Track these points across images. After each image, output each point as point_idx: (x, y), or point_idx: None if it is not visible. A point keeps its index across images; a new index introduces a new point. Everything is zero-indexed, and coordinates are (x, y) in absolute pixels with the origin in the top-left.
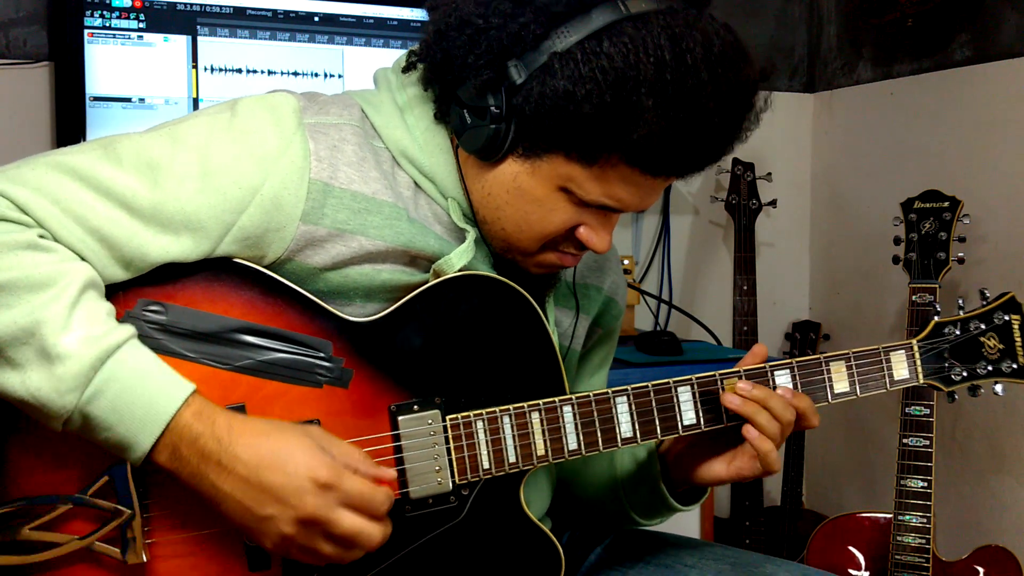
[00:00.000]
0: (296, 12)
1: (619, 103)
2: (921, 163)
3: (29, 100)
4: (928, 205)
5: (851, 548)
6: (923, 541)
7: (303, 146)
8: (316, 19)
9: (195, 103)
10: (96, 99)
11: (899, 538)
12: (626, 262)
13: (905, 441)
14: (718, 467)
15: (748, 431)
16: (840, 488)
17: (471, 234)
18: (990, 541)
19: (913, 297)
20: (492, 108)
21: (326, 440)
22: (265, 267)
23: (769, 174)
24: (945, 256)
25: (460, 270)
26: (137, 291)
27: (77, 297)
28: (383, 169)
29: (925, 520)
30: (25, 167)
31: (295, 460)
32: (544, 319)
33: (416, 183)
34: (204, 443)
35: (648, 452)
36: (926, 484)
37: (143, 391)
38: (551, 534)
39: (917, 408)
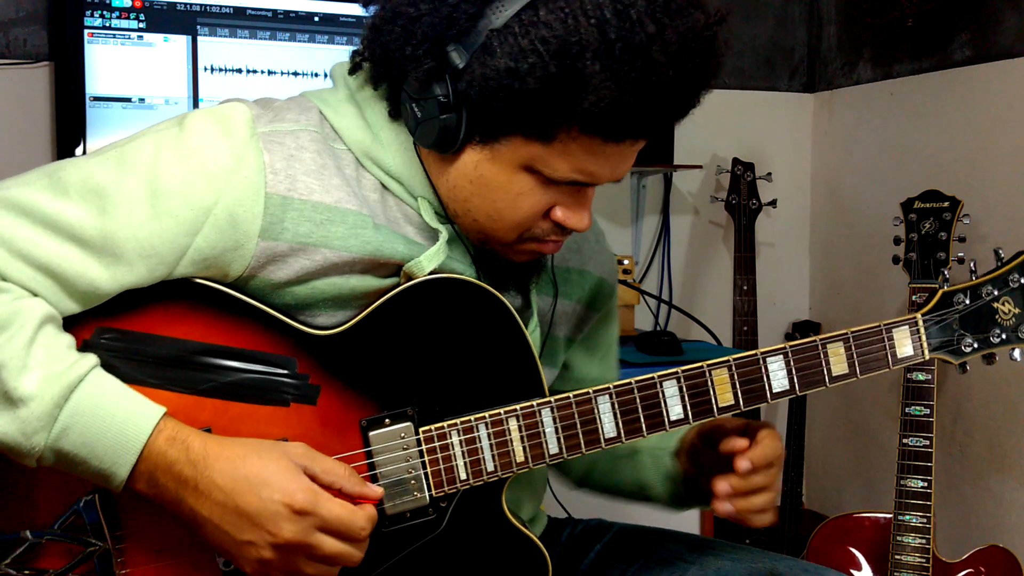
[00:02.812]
0: (296, 12)
1: (565, 72)
2: (921, 163)
3: (29, 100)
4: (928, 205)
5: (851, 548)
6: (923, 541)
7: (257, 159)
8: (316, 19)
9: (195, 103)
10: (96, 99)
11: (899, 538)
12: (626, 262)
13: (905, 441)
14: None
15: (717, 504)
16: (840, 488)
17: (443, 234)
18: (990, 541)
19: (913, 297)
20: (439, 98)
21: (307, 458)
22: (228, 285)
23: (769, 174)
24: (945, 256)
25: (433, 271)
26: (94, 320)
27: (33, 335)
28: (345, 174)
29: (925, 520)
30: None
31: (271, 485)
32: (519, 320)
33: (383, 184)
34: (180, 469)
35: (674, 472)
36: (926, 484)
37: (111, 421)
38: (536, 539)
39: (917, 408)
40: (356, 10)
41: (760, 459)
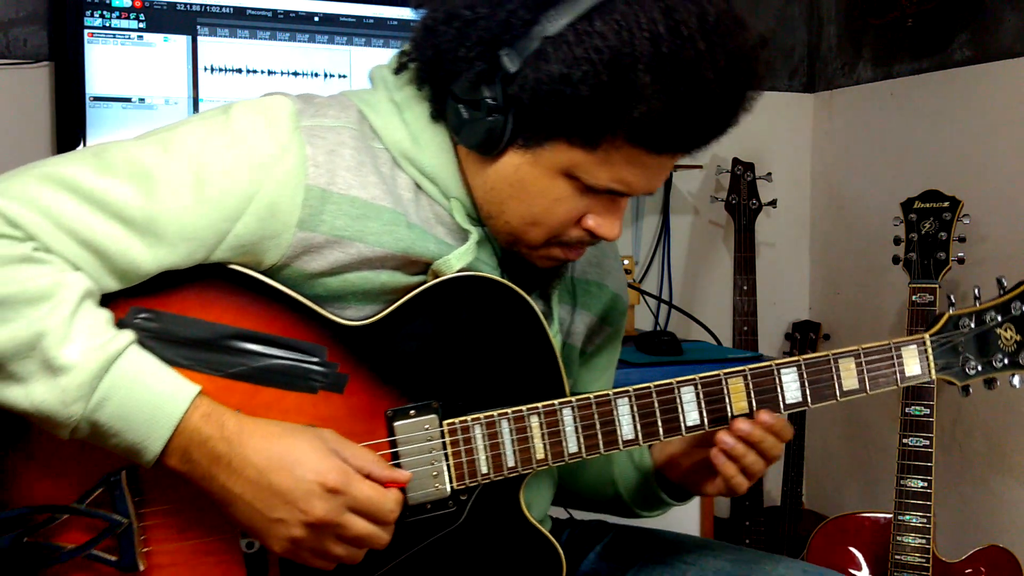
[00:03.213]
0: (296, 12)
1: (617, 82)
2: (921, 163)
3: (29, 100)
4: (928, 205)
5: (851, 548)
6: (923, 541)
7: (300, 151)
8: (316, 19)
9: (195, 103)
10: (96, 99)
11: (899, 538)
12: (626, 262)
13: (905, 441)
14: (709, 486)
15: (715, 457)
16: (840, 488)
17: (474, 235)
18: (990, 541)
19: (913, 297)
20: (488, 100)
21: (338, 443)
22: (262, 272)
23: (769, 174)
24: (945, 256)
25: (460, 271)
26: (129, 299)
27: (76, 307)
28: (382, 172)
29: (925, 520)
30: (15, 180)
31: (304, 464)
32: (543, 320)
33: (417, 184)
34: (214, 445)
35: (641, 453)
36: (926, 484)
37: (149, 395)
38: (552, 538)
39: (917, 408)
40: (356, 10)
41: (776, 420)
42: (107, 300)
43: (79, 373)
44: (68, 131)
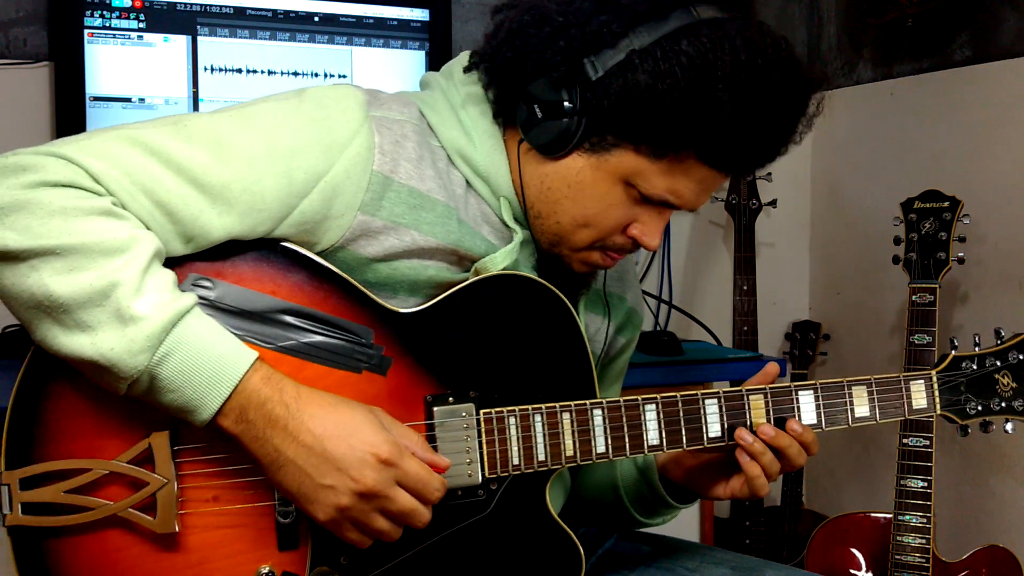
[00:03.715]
0: (296, 12)
1: (699, 97)
2: (921, 163)
3: (29, 100)
4: (928, 205)
5: (851, 548)
6: (923, 541)
7: (369, 138)
8: (316, 19)
9: (195, 103)
10: (96, 99)
11: (899, 538)
12: None
13: (905, 441)
14: (718, 488)
15: (740, 455)
16: (840, 488)
17: (518, 236)
18: (990, 541)
19: (913, 297)
20: (565, 103)
21: (388, 421)
22: (317, 253)
23: (769, 174)
24: (945, 256)
25: (503, 270)
26: (189, 265)
27: (148, 263)
28: (438, 168)
29: (925, 520)
30: (97, 138)
31: (359, 434)
32: (580, 323)
33: (468, 182)
34: (272, 408)
35: (645, 456)
36: (926, 484)
37: (211, 354)
38: (574, 536)
39: None
40: (356, 10)
41: (806, 430)
42: (170, 264)
43: (149, 324)
44: (68, 131)
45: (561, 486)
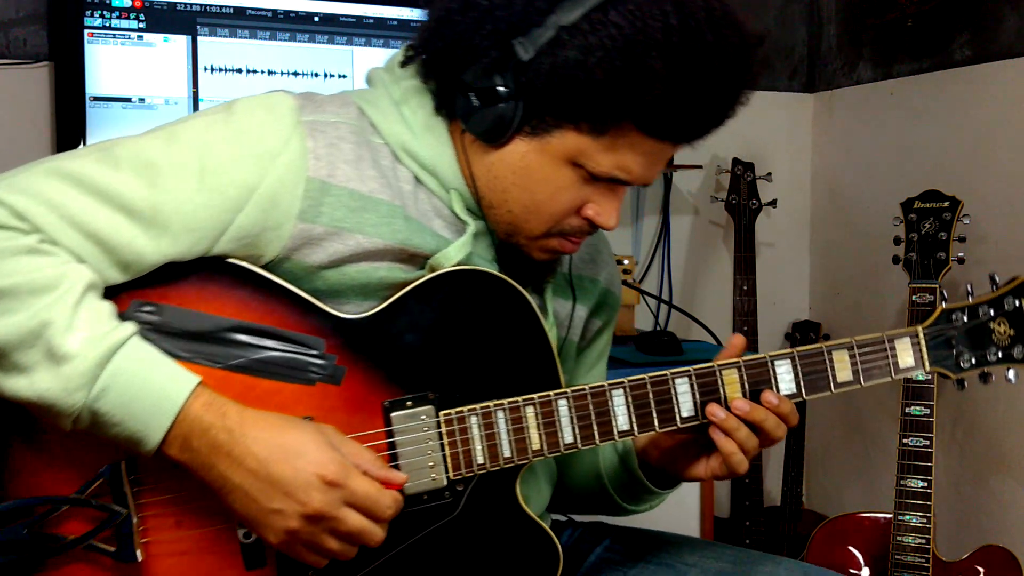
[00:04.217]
0: (296, 12)
1: (631, 67)
2: (921, 163)
3: (29, 100)
4: (928, 205)
5: (851, 548)
6: (923, 541)
7: (301, 144)
8: (316, 19)
9: (195, 103)
10: (96, 99)
11: (899, 538)
12: (626, 262)
13: (905, 441)
14: (697, 468)
15: (714, 433)
16: (840, 488)
17: (471, 227)
18: (990, 541)
19: (913, 297)
20: (500, 88)
21: (339, 439)
22: (263, 266)
23: (769, 174)
24: (945, 256)
25: (457, 264)
26: (131, 292)
27: (80, 298)
28: (381, 166)
29: (925, 520)
30: (22, 174)
31: (305, 456)
32: (538, 313)
33: (417, 177)
34: (215, 435)
35: (625, 442)
36: (926, 484)
37: (150, 385)
38: (549, 529)
39: (917, 408)
40: (356, 10)
41: (782, 401)
42: (109, 293)
43: (82, 361)
44: (68, 131)
45: (546, 477)
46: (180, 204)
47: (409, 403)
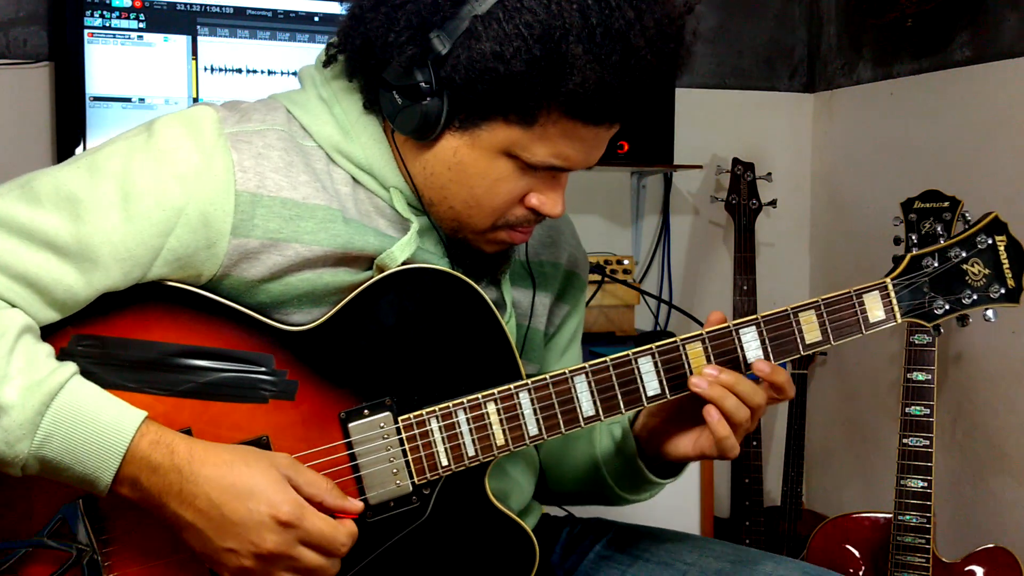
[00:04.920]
0: (296, 12)
1: (549, 55)
2: (921, 163)
3: (29, 100)
4: (928, 205)
5: (851, 548)
6: (923, 541)
7: (225, 158)
8: (316, 19)
9: (195, 103)
10: (96, 99)
11: (899, 538)
12: (626, 262)
13: (905, 441)
14: (684, 444)
15: (709, 414)
16: (840, 488)
17: (414, 225)
18: (990, 541)
19: None
20: (421, 84)
21: (292, 469)
22: (203, 286)
23: (769, 174)
24: None
25: (405, 262)
26: (71, 328)
27: (12, 346)
28: (315, 170)
29: (925, 520)
30: None
31: (258, 495)
32: (492, 306)
33: (354, 178)
34: (164, 474)
35: (623, 429)
36: (926, 484)
37: (93, 427)
38: (522, 523)
39: (917, 408)
40: None
41: (774, 369)
42: (50, 330)
43: (20, 412)
44: (68, 131)
45: (524, 469)
46: (107, 235)
47: (366, 411)
